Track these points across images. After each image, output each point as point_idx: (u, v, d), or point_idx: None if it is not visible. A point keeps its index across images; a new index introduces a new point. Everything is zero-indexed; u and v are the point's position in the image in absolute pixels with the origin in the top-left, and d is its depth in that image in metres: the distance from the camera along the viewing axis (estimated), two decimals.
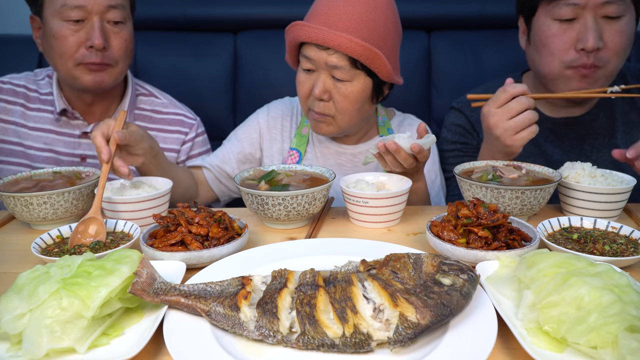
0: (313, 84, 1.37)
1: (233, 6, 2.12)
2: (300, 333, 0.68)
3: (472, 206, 0.95)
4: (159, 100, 1.70)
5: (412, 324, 0.66)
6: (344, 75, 1.34)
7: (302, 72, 1.40)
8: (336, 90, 1.36)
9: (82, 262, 0.75)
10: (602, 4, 1.31)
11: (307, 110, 1.44)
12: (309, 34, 1.31)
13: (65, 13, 1.40)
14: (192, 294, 0.74)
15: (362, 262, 0.81)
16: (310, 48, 1.34)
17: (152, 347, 0.70)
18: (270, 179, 1.19)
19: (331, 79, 1.35)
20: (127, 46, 1.50)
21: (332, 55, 1.32)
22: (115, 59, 1.48)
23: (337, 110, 1.39)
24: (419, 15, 2.09)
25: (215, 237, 0.94)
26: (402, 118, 1.64)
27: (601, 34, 1.33)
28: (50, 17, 1.42)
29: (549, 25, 1.38)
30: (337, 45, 1.29)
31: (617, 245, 0.94)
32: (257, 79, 2.07)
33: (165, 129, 1.67)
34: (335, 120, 1.41)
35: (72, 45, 1.42)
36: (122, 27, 1.47)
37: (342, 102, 1.37)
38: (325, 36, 1.29)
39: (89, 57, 1.43)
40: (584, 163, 1.20)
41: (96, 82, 1.47)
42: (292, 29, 1.36)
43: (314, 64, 1.35)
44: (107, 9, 1.42)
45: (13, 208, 1.10)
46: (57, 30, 1.41)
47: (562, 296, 0.67)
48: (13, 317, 0.67)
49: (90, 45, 1.42)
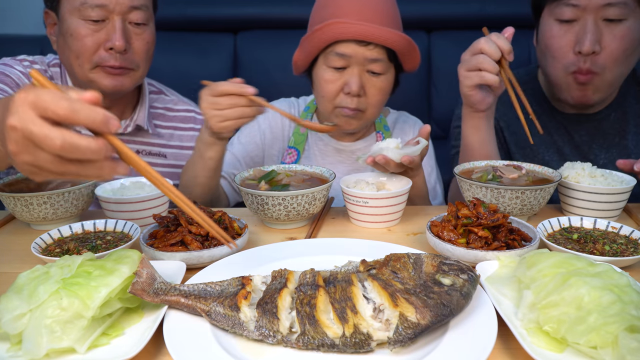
0: (344, 82, 1.36)
1: (233, 6, 2.12)
2: (300, 333, 0.68)
3: (472, 206, 0.95)
4: (168, 97, 1.67)
5: (412, 324, 0.66)
6: (380, 68, 1.35)
7: (331, 71, 1.37)
8: (371, 84, 1.37)
9: (82, 262, 0.75)
10: (603, 6, 1.29)
11: (333, 108, 1.41)
12: (354, 30, 1.29)
13: (84, 12, 1.30)
14: (192, 294, 0.74)
15: (362, 262, 0.81)
16: (347, 45, 1.32)
17: (152, 347, 0.70)
18: (270, 179, 1.19)
19: (365, 73, 1.36)
20: (149, 49, 1.42)
21: (372, 50, 1.32)
22: (136, 62, 1.39)
23: (368, 104, 1.40)
24: (419, 15, 2.09)
25: (215, 237, 0.94)
26: (396, 115, 1.67)
27: (600, 38, 1.32)
28: (68, 15, 1.32)
29: (551, 25, 1.38)
30: (383, 39, 1.30)
31: (617, 245, 0.94)
32: (257, 79, 2.05)
33: (180, 126, 1.63)
34: (364, 115, 1.42)
35: (91, 46, 1.33)
36: (145, 29, 1.39)
37: (376, 95, 1.39)
38: (372, 31, 1.29)
39: (108, 59, 1.34)
40: (584, 163, 1.20)
41: (115, 86, 1.38)
42: (328, 27, 1.32)
43: (349, 61, 1.34)
44: (129, 9, 1.33)
45: (13, 208, 1.10)
46: (74, 28, 1.32)
47: (562, 296, 0.67)
48: (13, 317, 0.67)
49: (111, 47, 1.33)
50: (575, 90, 1.40)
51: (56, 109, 0.62)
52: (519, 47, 1.56)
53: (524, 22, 1.58)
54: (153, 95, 1.63)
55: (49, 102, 0.62)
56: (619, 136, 1.52)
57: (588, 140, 1.53)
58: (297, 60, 1.46)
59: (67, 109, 0.62)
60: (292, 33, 2.12)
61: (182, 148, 1.62)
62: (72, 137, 0.62)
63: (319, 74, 1.40)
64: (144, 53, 1.40)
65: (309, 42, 1.38)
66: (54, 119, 0.63)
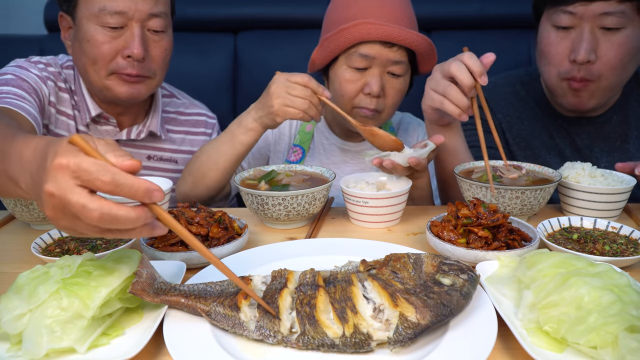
0: (365, 82, 1.37)
1: (233, 6, 2.12)
2: (300, 333, 0.68)
3: (472, 206, 0.95)
4: (180, 100, 1.65)
5: (412, 324, 0.66)
6: (401, 70, 1.37)
7: (351, 71, 1.37)
8: (390, 85, 1.38)
9: (82, 262, 0.75)
10: (600, 14, 1.28)
11: (352, 108, 1.41)
12: (382, 31, 1.30)
13: (103, 18, 1.27)
14: (192, 294, 0.74)
15: (362, 262, 0.81)
16: (371, 46, 1.33)
17: (152, 347, 0.70)
18: (270, 179, 1.19)
19: (385, 74, 1.37)
20: (167, 56, 1.39)
21: (396, 51, 1.33)
22: (154, 70, 1.36)
23: (386, 105, 1.41)
24: (419, 15, 2.08)
25: (215, 237, 0.94)
26: (400, 117, 1.67)
27: (596, 47, 1.30)
28: (85, 20, 1.29)
29: (549, 31, 1.38)
30: (408, 41, 1.31)
31: (617, 245, 0.94)
32: (257, 79, 2.06)
33: (192, 131, 1.62)
34: (381, 115, 1.42)
35: (109, 53, 1.30)
36: (163, 36, 1.36)
37: (394, 97, 1.40)
38: (398, 33, 1.29)
39: (126, 67, 1.31)
40: (584, 163, 1.20)
41: (131, 94, 1.35)
42: (355, 28, 1.32)
43: (371, 62, 1.35)
44: (149, 17, 1.30)
45: (13, 208, 1.10)
46: (91, 34, 1.29)
47: (562, 296, 0.67)
48: (13, 317, 0.67)
49: (128, 55, 1.30)
50: (570, 96, 1.40)
51: (98, 182, 0.61)
52: (519, 47, 1.56)
53: (524, 22, 1.58)
54: (165, 99, 1.62)
55: (91, 174, 0.61)
56: (621, 140, 1.50)
57: (589, 143, 1.52)
58: (316, 59, 1.44)
59: (110, 183, 0.61)
60: (292, 33, 2.12)
61: (192, 153, 1.61)
62: (111, 208, 0.61)
63: (338, 74, 1.40)
64: (161, 61, 1.38)
65: (331, 41, 1.36)
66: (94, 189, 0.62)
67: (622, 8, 1.27)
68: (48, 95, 1.38)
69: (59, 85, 1.42)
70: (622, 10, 1.28)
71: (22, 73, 1.34)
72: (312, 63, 1.47)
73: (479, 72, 1.08)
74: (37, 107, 1.29)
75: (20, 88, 1.29)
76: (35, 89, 1.34)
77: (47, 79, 1.38)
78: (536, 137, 1.55)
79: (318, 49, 1.42)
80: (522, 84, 1.60)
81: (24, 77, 1.33)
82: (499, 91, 1.60)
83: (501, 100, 1.59)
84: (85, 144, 0.62)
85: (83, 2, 1.29)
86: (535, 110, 1.56)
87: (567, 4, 1.31)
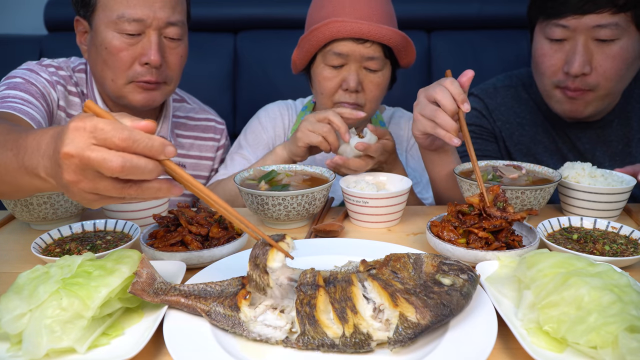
0: (342, 78, 1.39)
1: (233, 6, 2.12)
2: (300, 333, 0.68)
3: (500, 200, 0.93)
4: (190, 105, 1.65)
5: (412, 324, 0.66)
6: (377, 65, 1.38)
7: (329, 69, 1.40)
8: (368, 80, 1.40)
9: (82, 262, 0.75)
10: (594, 27, 1.26)
11: (332, 105, 1.44)
12: (350, 28, 1.32)
13: (121, 25, 1.27)
14: (192, 294, 0.74)
15: (362, 262, 0.81)
16: (345, 43, 1.35)
17: (152, 347, 0.70)
18: (270, 179, 1.19)
19: (362, 70, 1.39)
20: (182, 63, 1.40)
21: (369, 47, 1.35)
22: (170, 76, 1.37)
23: (367, 100, 1.43)
24: (419, 15, 2.09)
25: (215, 237, 0.94)
26: (392, 111, 1.70)
27: (590, 59, 1.29)
28: (104, 27, 1.29)
29: (542, 43, 1.37)
30: (379, 36, 1.32)
31: (617, 245, 0.94)
32: (257, 79, 2.07)
33: (201, 136, 1.62)
34: (363, 110, 1.44)
35: (127, 60, 1.30)
36: (179, 44, 1.37)
37: (374, 91, 1.42)
38: (368, 29, 1.31)
39: (144, 74, 1.31)
40: (584, 163, 1.20)
41: (147, 101, 1.36)
42: (326, 26, 1.34)
43: (346, 59, 1.37)
44: (166, 24, 1.30)
45: (13, 208, 1.10)
46: (109, 41, 1.29)
47: (562, 296, 0.67)
48: (13, 317, 0.67)
49: (146, 62, 1.30)
50: (566, 103, 1.39)
51: (116, 139, 0.62)
52: (518, 47, 1.56)
53: (524, 22, 1.57)
54: (175, 104, 1.62)
55: (108, 132, 0.62)
56: (623, 143, 1.49)
57: (591, 147, 1.50)
58: (296, 59, 1.48)
59: (127, 139, 0.62)
60: (292, 33, 2.12)
61: (201, 158, 1.62)
62: (132, 157, 0.63)
63: (317, 72, 1.43)
64: (177, 67, 1.38)
65: (306, 41, 1.40)
66: (111, 148, 0.63)
67: (615, 20, 1.26)
68: (57, 99, 1.38)
69: (69, 89, 1.42)
70: (616, 22, 1.26)
71: (31, 77, 1.34)
72: (293, 64, 1.50)
73: (460, 99, 1.08)
74: (44, 112, 1.30)
75: (27, 92, 1.29)
76: (44, 93, 1.34)
77: (57, 83, 1.39)
78: (538, 141, 1.55)
79: (297, 50, 1.46)
80: (523, 86, 1.59)
81: (32, 80, 1.33)
82: (499, 94, 1.60)
83: (501, 105, 1.58)
84: (100, 109, 0.65)
85: (101, 9, 1.29)
86: (536, 113, 1.56)
87: (559, 17, 1.30)
